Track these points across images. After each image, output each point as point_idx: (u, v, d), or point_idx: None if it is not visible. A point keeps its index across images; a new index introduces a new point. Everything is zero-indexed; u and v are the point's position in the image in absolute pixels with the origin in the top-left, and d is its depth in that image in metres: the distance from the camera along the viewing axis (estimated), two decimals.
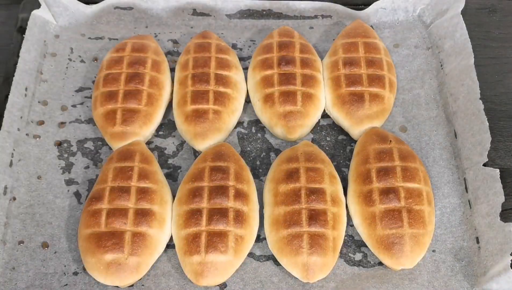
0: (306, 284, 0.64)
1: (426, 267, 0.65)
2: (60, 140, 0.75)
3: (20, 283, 0.63)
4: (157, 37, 0.86)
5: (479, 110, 0.70)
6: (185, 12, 0.86)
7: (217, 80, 0.75)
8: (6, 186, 0.68)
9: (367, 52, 0.78)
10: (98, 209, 0.63)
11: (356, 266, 0.65)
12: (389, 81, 0.76)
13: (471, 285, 0.64)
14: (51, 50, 0.83)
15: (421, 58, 0.83)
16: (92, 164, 0.73)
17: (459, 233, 0.67)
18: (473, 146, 0.70)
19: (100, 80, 0.75)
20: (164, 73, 0.78)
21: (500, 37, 0.89)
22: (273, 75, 0.75)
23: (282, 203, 0.65)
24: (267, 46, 0.79)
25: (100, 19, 0.86)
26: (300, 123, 0.73)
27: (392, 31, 0.86)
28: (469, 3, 0.82)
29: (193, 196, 0.65)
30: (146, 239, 0.62)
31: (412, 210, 0.64)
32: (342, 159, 0.74)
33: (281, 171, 0.68)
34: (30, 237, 0.66)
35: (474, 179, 0.68)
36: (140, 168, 0.67)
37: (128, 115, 0.72)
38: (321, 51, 0.85)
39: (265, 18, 0.87)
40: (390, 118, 0.77)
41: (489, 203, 0.65)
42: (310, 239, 0.62)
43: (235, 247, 0.62)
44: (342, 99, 0.74)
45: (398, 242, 0.62)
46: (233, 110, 0.75)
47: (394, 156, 0.68)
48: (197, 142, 0.72)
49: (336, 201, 0.65)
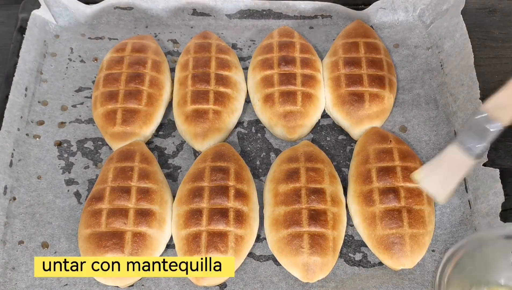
0: (306, 284, 0.64)
1: (426, 267, 0.65)
2: (60, 140, 0.75)
3: (20, 283, 0.63)
4: (157, 37, 0.86)
5: None
6: (185, 12, 0.86)
7: (217, 80, 0.75)
8: (6, 186, 0.68)
9: (367, 52, 0.78)
10: (98, 209, 0.63)
11: (356, 266, 0.65)
12: (389, 81, 0.76)
13: None
14: (51, 50, 0.83)
15: (421, 58, 0.83)
16: (92, 164, 0.73)
17: (459, 233, 0.67)
18: None
19: (100, 80, 0.75)
20: (164, 73, 0.78)
21: (500, 37, 0.89)
22: (273, 75, 0.75)
23: (282, 203, 0.65)
24: (267, 46, 0.79)
25: (100, 19, 0.86)
26: (300, 123, 0.73)
27: (392, 31, 0.86)
28: (469, 3, 0.82)
29: (193, 196, 0.65)
30: (146, 239, 0.62)
31: (412, 210, 0.64)
32: (342, 159, 0.74)
33: (281, 171, 0.68)
34: (30, 237, 0.66)
35: (474, 179, 0.68)
36: (140, 168, 0.67)
37: (128, 115, 0.72)
38: (321, 51, 0.85)
39: (265, 18, 0.87)
40: (390, 118, 0.77)
41: (489, 203, 0.65)
42: (310, 239, 0.62)
43: (235, 247, 0.62)
44: (342, 99, 0.74)
45: (398, 242, 0.62)
46: (233, 110, 0.75)
47: (394, 156, 0.68)
48: (197, 142, 0.72)
49: (336, 201, 0.65)
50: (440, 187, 0.55)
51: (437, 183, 0.56)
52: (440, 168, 0.55)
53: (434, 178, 0.56)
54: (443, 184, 0.55)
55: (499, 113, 0.50)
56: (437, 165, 0.55)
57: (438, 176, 0.55)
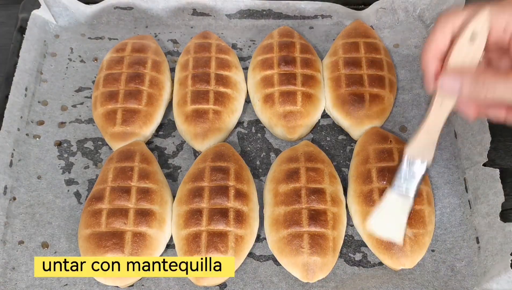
0: (306, 284, 0.64)
1: (426, 267, 0.65)
2: (60, 140, 0.75)
3: (20, 283, 0.63)
4: (157, 37, 0.86)
5: None
6: (185, 12, 0.86)
7: (217, 80, 0.75)
8: (6, 186, 0.68)
9: (367, 52, 0.78)
10: (98, 209, 0.63)
11: (356, 266, 0.65)
12: (389, 81, 0.76)
13: (471, 285, 0.64)
14: (51, 50, 0.83)
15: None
16: (92, 164, 0.73)
17: (459, 233, 0.67)
18: (473, 146, 0.70)
19: (100, 80, 0.75)
20: (164, 73, 0.78)
21: None
22: (273, 75, 0.75)
23: (282, 203, 0.65)
24: (267, 46, 0.79)
25: (100, 19, 0.86)
26: (300, 123, 0.73)
27: (392, 31, 0.86)
28: (469, 3, 0.82)
29: (193, 196, 0.65)
30: (146, 239, 0.62)
31: (412, 210, 0.64)
32: (342, 159, 0.74)
33: (281, 171, 0.68)
34: (30, 237, 0.66)
35: (474, 179, 0.68)
36: (140, 168, 0.67)
37: (128, 115, 0.72)
38: (321, 51, 0.85)
39: (265, 18, 0.87)
40: (390, 118, 0.77)
41: (489, 203, 0.65)
42: (310, 239, 0.62)
43: (235, 247, 0.62)
44: (342, 99, 0.74)
45: None
46: (233, 110, 0.75)
47: (394, 156, 0.68)
48: (197, 142, 0.72)
49: (336, 201, 0.65)
50: (393, 230, 0.60)
51: (389, 228, 0.60)
52: (386, 214, 0.60)
53: (385, 225, 0.60)
54: (395, 226, 0.60)
55: (422, 155, 0.54)
56: (382, 213, 0.60)
57: (388, 222, 0.60)
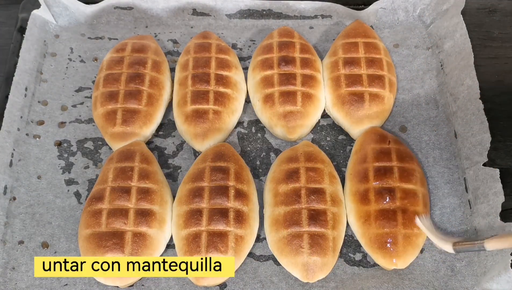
0: (306, 284, 0.64)
1: (426, 267, 0.65)
2: (60, 140, 0.75)
3: (20, 283, 0.63)
4: (157, 37, 0.86)
5: (479, 110, 0.70)
6: (185, 12, 0.86)
7: (217, 80, 0.75)
8: (6, 186, 0.68)
9: (367, 52, 0.78)
10: (99, 209, 0.63)
11: (356, 266, 0.65)
12: (389, 81, 0.76)
13: (471, 285, 0.64)
14: (51, 50, 0.83)
15: (421, 58, 0.83)
16: (92, 164, 0.73)
17: (459, 233, 0.67)
18: (473, 146, 0.70)
19: (100, 80, 0.75)
20: (164, 73, 0.78)
21: (500, 37, 0.89)
22: (273, 75, 0.75)
23: (282, 203, 0.65)
24: (267, 46, 0.79)
25: (100, 19, 0.86)
26: (300, 123, 0.73)
27: (392, 31, 0.86)
28: (469, 3, 0.82)
29: (193, 196, 0.65)
30: (146, 239, 0.62)
31: (407, 211, 0.64)
32: (342, 159, 0.74)
33: (281, 171, 0.68)
34: (30, 237, 0.66)
35: (474, 179, 0.68)
36: (140, 168, 0.67)
37: (128, 116, 0.72)
38: (321, 51, 0.85)
39: (265, 18, 0.87)
40: (390, 118, 0.77)
41: (489, 203, 0.65)
42: (310, 239, 0.62)
43: (235, 247, 0.62)
44: (342, 99, 0.74)
45: (391, 242, 0.62)
46: (233, 110, 0.75)
47: (392, 156, 0.68)
48: (197, 142, 0.72)
49: (336, 201, 0.65)
50: None
51: None
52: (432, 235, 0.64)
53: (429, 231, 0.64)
54: None
55: (492, 247, 0.58)
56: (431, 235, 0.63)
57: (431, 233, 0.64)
